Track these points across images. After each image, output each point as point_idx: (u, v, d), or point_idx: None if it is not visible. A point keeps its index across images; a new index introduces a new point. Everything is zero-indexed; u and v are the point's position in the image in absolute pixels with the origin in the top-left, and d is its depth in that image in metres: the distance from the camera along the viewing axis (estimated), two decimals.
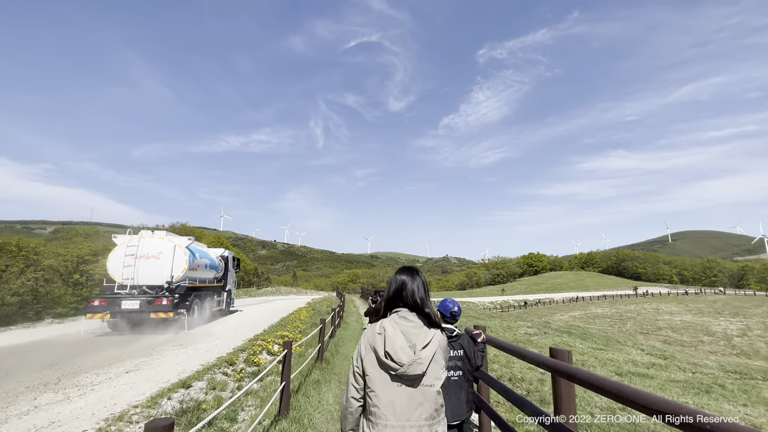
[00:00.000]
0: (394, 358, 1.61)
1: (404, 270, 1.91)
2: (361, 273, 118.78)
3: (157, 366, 6.76)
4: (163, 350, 8.25)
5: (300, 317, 15.62)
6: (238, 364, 6.93)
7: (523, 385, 6.40)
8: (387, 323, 1.73)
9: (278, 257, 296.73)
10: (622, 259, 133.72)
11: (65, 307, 42.35)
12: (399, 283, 1.84)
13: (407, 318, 1.74)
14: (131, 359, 7.34)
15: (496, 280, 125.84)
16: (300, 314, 16.63)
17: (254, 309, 20.72)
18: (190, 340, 9.67)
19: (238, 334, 10.68)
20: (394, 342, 1.64)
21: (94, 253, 47.44)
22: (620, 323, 48.39)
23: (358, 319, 15.45)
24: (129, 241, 11.80)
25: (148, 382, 5.66)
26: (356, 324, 13.68)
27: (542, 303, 75.45)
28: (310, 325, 13.12)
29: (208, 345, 8.89)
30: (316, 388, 5.27)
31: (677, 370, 10.88)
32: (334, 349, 8.16)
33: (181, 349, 8.34)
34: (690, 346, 37.31)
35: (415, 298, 1.78)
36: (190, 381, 5.57)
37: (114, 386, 5.48)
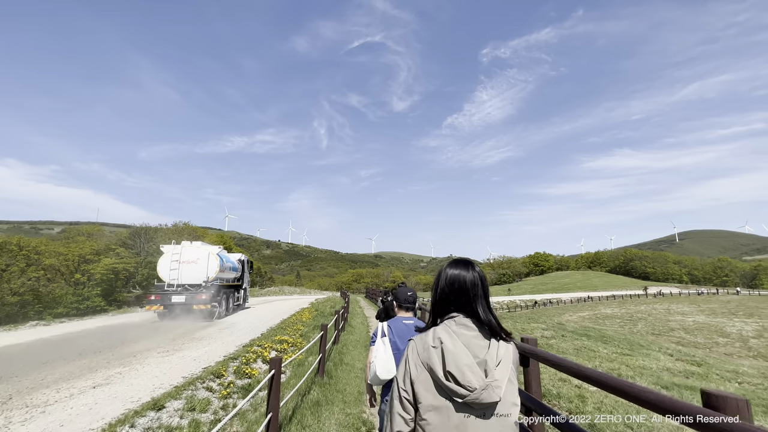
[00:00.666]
0: (461, 380, 1.24)
1: (456, 264, 1.45)
2: (366, 273, 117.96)
3: (131, 379, 5.82)
4: (146, 358, 7.32)
5: (302, 319, 14.67)
6: (226, 376, 5.96)
7: (561, 403, 5.37)
8: (443, 333, 1.34)
9: (282, 257, 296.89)
10: (630, 258, 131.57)
11: (66, 307, 41.86)
12: (450, 281, 1.41)
13: (467, 326, 1.35)
14: (104, 369, 6.41)
15: (502, 280, 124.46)
16: (302, 315, 15.68)
17: (255, 310, 19.83)
18: (176, 345, 8.74)
19: (232, 339, 9.73)
20: (458, 359, 1.27)
21: (96, 252, 46.88)
22: (631, 324, 47.22)
23: (363, 321, 14.45)
24: (173, 249, 15.36)
25: (114, 402, 4.71)
26: (362, 327, 12.67)
27: (550, 303, 74.07)
28: (313, 328, 12.16)
29: (195, 351, 7.95)
30: (315, 413, 4.24)
31: (720, 380, 9.78)
32: (337, 358, 7.15)
33: (165, 357, 7.40)
34: (704, 348, 36.03)
35: (474, 301, 1.38)
36: (164, 400, 4.61)
37: (70, 407, 4.53)
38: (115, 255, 46.01)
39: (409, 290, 3.09)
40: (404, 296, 2.99)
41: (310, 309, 18.91)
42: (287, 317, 14.81)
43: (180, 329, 11.43)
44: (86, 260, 45.16)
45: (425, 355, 1.31)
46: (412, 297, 3.01)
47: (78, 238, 51.67)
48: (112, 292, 45.16)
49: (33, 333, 10.78)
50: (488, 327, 1.36)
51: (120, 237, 53.83)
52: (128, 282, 47.31)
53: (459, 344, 1.30)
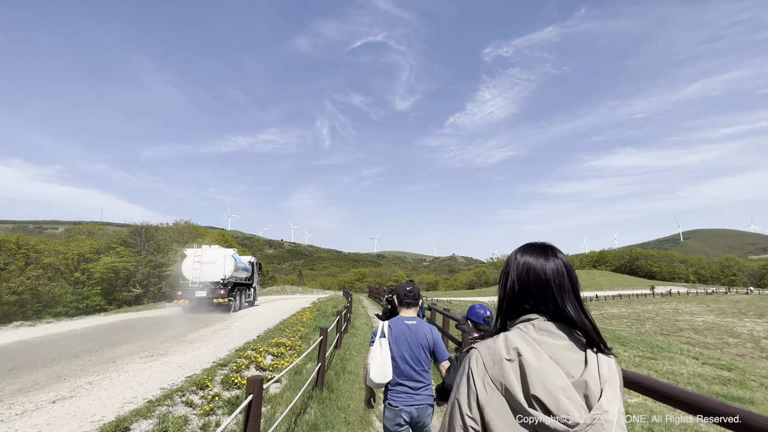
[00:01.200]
0: (555, 410, 0.84)
1: (532, 249, 1.06)
2: (368, 272, 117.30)
3: (101, 390, 5.03)
4: (126, 364, 6.54)
5: (302, 319, 13.89)
6: (211, 386, 5.16)
7: None
8: (519, 341, 0.94)
9: (285, 256, 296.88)
10: (636, 257, 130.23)
11: (66, 306, 41.36)
12: (523, 271, 1.03)
13: (551, 332, 0.96)
14: (74, 378, 5.63)
15: None
16: (302, 316, 14.91)
17: (254, 310, 19.08)
18: (163, 349, 7.96)
19: (225, 341, 8.95)
20: (547, 379, 0.87)
21: (96, 251, 46.40)
22: (638, 324, 46.41)
23: (367, 321, 13.65)
24: (195, 252, 17.59)
25: (70, 422, 3.92)
26: (365, 327, 11.86)
27: None
28: (313, 329, 11.38)
29: (183, 356, 7.17)
30: None
31: (760, 387, 8.90)
32: (339, 365, 6.32)
33: (147, 363, 6.62)
34: (715, 349, 35.12)
35: (560, 297, 0.98)
36: (131, 419, 3.82)
37: (15, 429, 3.74)
38: (115, 254, 45.48)
39: (409, 285, 2.82)
40: (403, 292, 2.72)
41: (311, 309, 18.14)
42: (287, 318, 14.04)
43: (172, 331, 10.69)
44: (86, 259, 44.73)
45: (497, 371, 0.91)
46: (413, 293, 2.74)
47: (78, 237, 51.23)
48: (113, 291, 44.65)
49: (14, 334, 10.04)
50: (583, 334, 0.96)
51: (120, 236, 53.30)
52: (129, 281, 46.78)
53: (544, 358, 0.90)
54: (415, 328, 2.56)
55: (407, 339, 2.50)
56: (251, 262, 22.56)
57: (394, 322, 2.62)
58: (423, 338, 2.54)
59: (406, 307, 2.71)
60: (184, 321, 13.71)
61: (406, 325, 2.56)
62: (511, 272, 1.05)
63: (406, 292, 2.73)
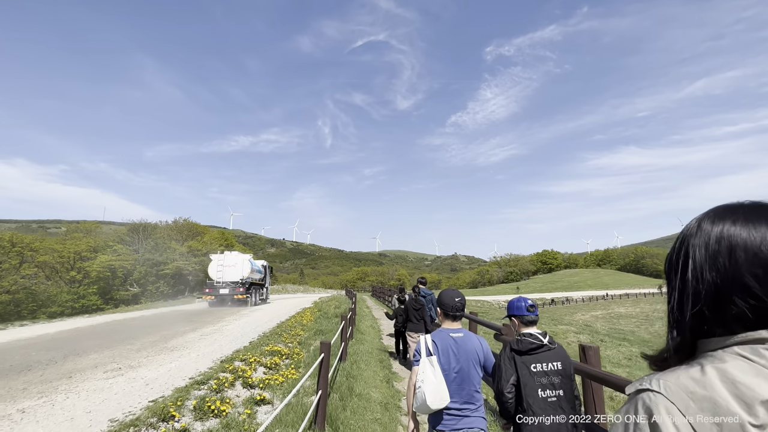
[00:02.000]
0: None
1: (738, 212, 0.58)
2: (371, 271, 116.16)
3: (31, 421, 3.83)
4: (83, 380, 5.34)
5: (302, 321, 12.69)
6: (179, 416, 3.95)
7: None
8: (762, 384, 0.49)
9: (287, 255, 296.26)
10: (641, 256, 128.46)
11: (61, 305, 40.35)
12: (726, 252, 0.56)
13: None
14: (7, 402, 4.42)
15: (510, 278, 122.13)
16: (303, 317, 13.70)
17: (251, 310, 17.91)
18: (136, 358, 6.75)
19: (212, 348, 7.75)
20: None
21: (93, 249, 45.37)
22: (647, 323, 45.36)
23: (373, 324, 12.43)
24: (219, 257, 20.75)
25: None
26: (372, 332, 10.64)
27: (567, 301, 72.00)
28: (314, 333, 10.18)
29: (156, 369, 5.96)
30: None
31: None
32: (345, 386, 5.04)
33: (109, 379, 5.41)
34: None
35: None
36: None
37: None
38: (112, 252, 44.44)
39: (457, 293, 2.44)
40: (451, 302, 2.35)
41: (312, 309, 16.94)
42: (285, 320, 12.85)
43: (155, 335, 9.51)
44: (83, 257, 43.69)
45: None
46: (461, 303, 2.37)
47: (75, 235, 50.21)
48: (109, 290, 43.63)
49: None
50: None
51: (118, 234, 52.27)
52: (126, 280, 45.76)
53: None
54: (464, 342, 2.28)
55: (455, 354, 2.23)
56: (264, 266, 26.10)
57: (438, 337, 2.31)
58: (473, 352, 2.27)
59: (452, 320, 2.37)
60: (176, 321, 12.60)
61: (452, 339, 2.28)
62: (697, 255, 0.59)
63: (454, 304, 2.34)
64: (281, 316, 14.63)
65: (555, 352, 2.24)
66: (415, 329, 6.73)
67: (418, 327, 6.76)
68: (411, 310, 6.82)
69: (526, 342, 2.21)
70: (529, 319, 2.32)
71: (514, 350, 2.22)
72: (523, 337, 2.26)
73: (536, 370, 2.13)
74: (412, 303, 7.01)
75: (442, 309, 2.37)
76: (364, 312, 16.61)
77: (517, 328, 2.37)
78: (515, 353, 2.20)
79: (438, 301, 2.43)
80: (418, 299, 7.05)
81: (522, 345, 2.21)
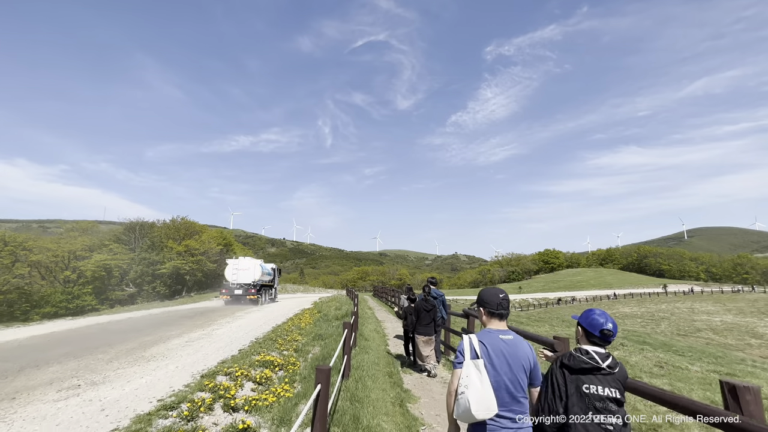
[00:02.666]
0: None
1: None
2: (371, 270, 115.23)
3: None
4: (26, 404, 4.36)
5: (300, 324, 11.71)
6: None
7: None
8: None
9: (287, 255, 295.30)
10: (644, 255, 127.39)
11: (55, 306, 39.37)
12: None
13: None
14: None
15: (511, 278, 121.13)
16: (301, 320, 12.73)
17: (247, 312, 16.93)
18: (104, 372, 5.77)
19: (195, 358, 6.77)
20: None
21: (89, 248, 44.37)
22: (653, 323, 44.56)
23: (377, 327, 11.45)
24: (234, 262, 22.60)
25: None
26: (377, 337, 9.66)
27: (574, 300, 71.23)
28: (313, 338, 9.21)
29: (122, 388, 5.00)
30: None
31: None
32: (350, 415, 3.85)
33: (58, 402, 4.42)
34: (737, 350, 33.15)
35: None
36: None
37: None
38: (108, 251, 43.44)
39: (500, 290, 2.22)
40: (495, 299, 2.14)
41: (312, 311, 15.97)
42: (282, 322, 11.87)
43: (135, 342, 8.53)
44: (77, 257, 42.69)
45: None
46: (506, 300, 2.15)
47: (70, 234, 49.18)
48: (105, 290, 42.63)
49: None
50: None
51: (115, 233, 51.29)
52: (122, 279, 44.76)
53: None
54: (514, 346, 2.03)
55: (507, 359, 1.99)
56: (273, 269, 28.10)
57: (486, 337, 2.05)
58: (525, 358, 2.03)
59: (499, 319, 2.13)
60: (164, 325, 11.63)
61: (502, 342, 2.03)
62: None
63: (499, 301, 2.13)
64: (278, 318, 13.67)
65: (615, 377, 1.96)
66: (424, 332, 6.28)
67: (428, 329, 6.29)
68: (421, 311, 6.33)
69: (578, 359, 1.97)
70: (595, 341, 2.04)
71: (565, 365, 2.00)
72: (578, 353, 2.01)
73: (589, 392, 1.89)
74: (422, 304, 6.46)
75: (486, 308, 2.15)
76: (367, 313, 15.63)
77: (580, 338, 2.12)
78: (566, 369, 1.98)
79: (480, 300, 2.21)
80: (428, 300, 6.55)
81: (574, 361, 1.97)
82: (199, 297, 42.54)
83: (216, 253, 48.73)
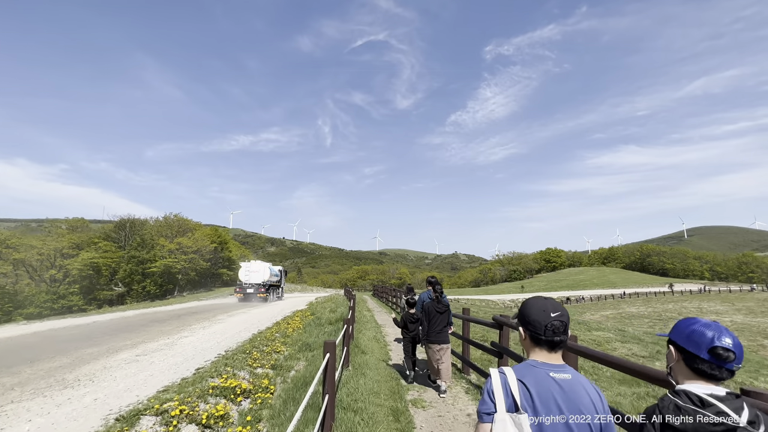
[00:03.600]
0: None
1: None
2: (371, 269, 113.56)
3: None
4: None
5: (287, 331, 10.00)
6: None
7: None
8: None
9: (287, 254, 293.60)
10: (647, 254, 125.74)
11: (39, 306, 37.58)
12: None
13: None
14: None
15: (513, 277, 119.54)
16: (288, 325, 11.01)
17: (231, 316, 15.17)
18: None
19: (132, 382, 5.02)
20: None
21: (77, 246, 42.56)
22: (661, 324, 43.00)
23: (377, 334, 9.72)
24: (246, 265, 25.98)
25: None
26: (375, 347, 7.94)
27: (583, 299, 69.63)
28: (299, 348, 7.52)
29: None
30: None
31: None
32: None
33: None
34: (751, 352, 31.65)
35: None
36: None
37: None
38: (96, 249, 41.63)
39: (552, 304, 1.42)
40: (543, 318, 1.38)
41: (304, 313, 14.25)
42: (265, 328, 10.14)
43: (70, 356, 6.80)
44: (64, 255, 40.86)
45: None
46: (563, 321, 1.37)
47: (59, 231, 47.34)
48: (92, 289, 40.84)
49: None
50: None
51: (105, 230, 49.47)
52: (112, 278, 42.98)
53: None
54: (571, 387, 1.30)
55: (562, 410, 1.26)
56: (280, 270, 32.20)
57: (528, 375, 1.32)
58: (589, 405, 1.29)
59: (549, 349, 1.37)
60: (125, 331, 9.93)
61: (553, 382, 1.31)
62: None
63: (549, 322, 1.36)
64: (264, 322, 11.96)
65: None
66: (438, 339, 5.13)
67: (442, 336, 5.15)
68: (433, 313, 5.19)
69: (689, 410, 1.16)
70: (702, 369, 1.21)
71: (667, 425, 1.18)
72: (685, 400, 1.19)
73: None
74: (434, 306, 5.23)
75: (530, 329, 1.38)
76: (365, 317, 13.91)
77: (674, 360, 1.30)
78: None
79: (521, 316, 1.44)
80: (441, 300, 5.35)
81: (685, 416, 1.15)
82: (191, 297, 40.79)
83: (210, 252, 46.96)
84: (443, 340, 5.14)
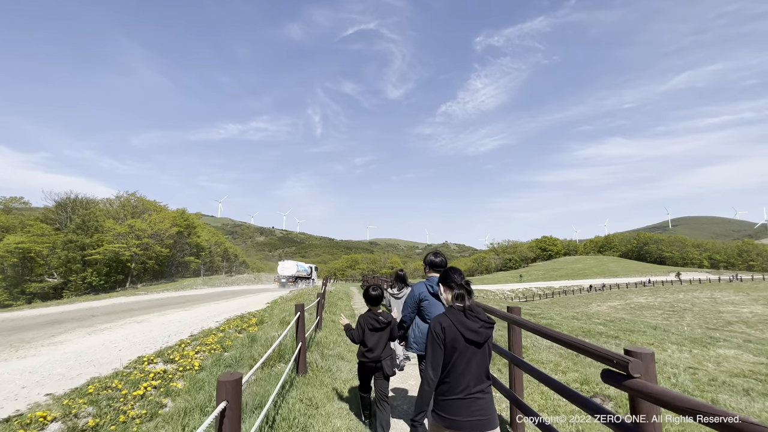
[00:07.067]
0: None
1: None
2: (361, 258, 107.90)
3: None
4: None
5: (202, 347, 3.80)
6: None
7: None
8: None
9: (276, 244, 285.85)
10: (644, 242, 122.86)
11: None
12: None
13: None
14: None
15: (508, 266, 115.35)
16: (208, 339, 4.85)
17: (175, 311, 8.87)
18: None
19: None
20: None
21: (5, 229, 35.11)
22: (676, 316, 38.45)
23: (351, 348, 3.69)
24: (283, 263, 40.58)
25: None
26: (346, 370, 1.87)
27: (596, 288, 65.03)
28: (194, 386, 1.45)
29: None
30: None
31: None
32: None
33: None
34: None
35: None
36: None
37: None
38: (26, 233, 34.44)
39: None
40: None
41: (248, 320, 8.07)
42: (173, 344, 3.92)
43: None
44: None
45: None
46: None
47: None
48: (20, 281, 33.75)
49: None
50: None
51: (44, 212, 42.15)
52: (49, 268, 35.89)
53: None
54: None
55: None
56: (311, 267, 45.04)
57: None
58: None
59: None
60: None
61: None
62: None
63: None
64: (185, 329, 5.75)
65: None
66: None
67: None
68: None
69: None
70: None
71: None
72: None
73: None
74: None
75: None
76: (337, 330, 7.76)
77: None
78: None
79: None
80: None
81: None
82: (146, 288, 34.20)
83: (171, 236, 40.17)
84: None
